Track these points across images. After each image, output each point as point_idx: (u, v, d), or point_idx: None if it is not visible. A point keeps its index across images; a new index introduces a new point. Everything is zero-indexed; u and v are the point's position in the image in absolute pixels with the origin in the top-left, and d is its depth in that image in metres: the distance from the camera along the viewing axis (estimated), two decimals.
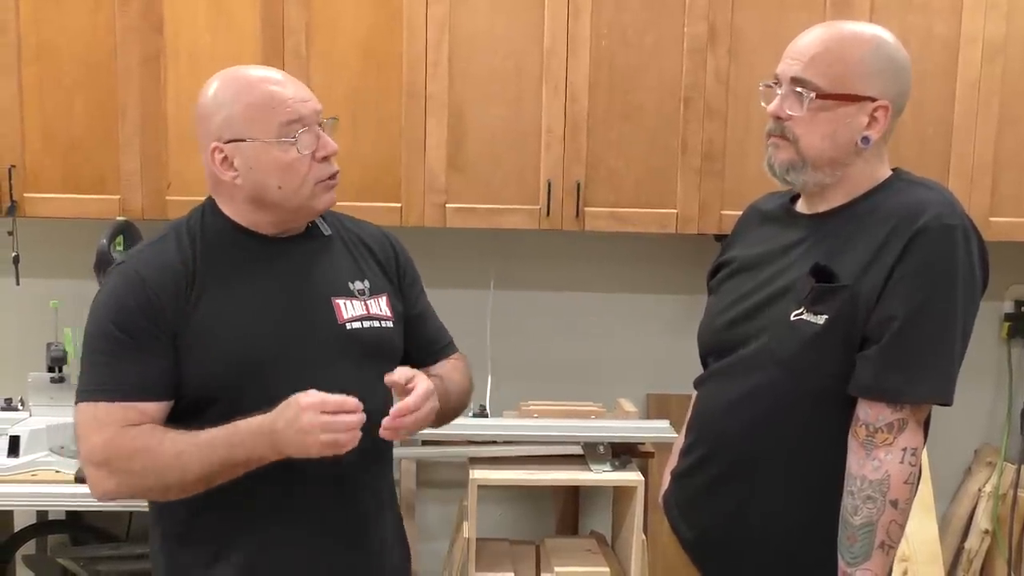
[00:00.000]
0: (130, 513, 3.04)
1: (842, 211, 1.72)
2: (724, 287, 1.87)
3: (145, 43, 2.79)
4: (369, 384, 1.65)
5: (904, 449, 1.60)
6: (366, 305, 1.75)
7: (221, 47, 2.81)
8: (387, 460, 1.85)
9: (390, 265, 1.85)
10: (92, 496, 1.64)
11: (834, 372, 1.65)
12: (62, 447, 2.66)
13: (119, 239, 2.68)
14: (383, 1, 2.82)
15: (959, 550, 3.35)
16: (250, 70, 1.70)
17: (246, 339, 1.64)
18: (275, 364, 1.64)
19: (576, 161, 2.88)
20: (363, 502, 1.75)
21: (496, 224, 2.92)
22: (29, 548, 3.08)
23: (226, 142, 1.65)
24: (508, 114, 2.88)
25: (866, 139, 1.68)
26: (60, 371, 2.77)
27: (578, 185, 2.88)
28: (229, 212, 1.71)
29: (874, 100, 1.66)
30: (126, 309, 1.61)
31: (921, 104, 2.83)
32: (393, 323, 1.78)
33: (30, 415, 2.79)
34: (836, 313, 1.63)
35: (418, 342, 1.87)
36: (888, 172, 1.74)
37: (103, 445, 1.58)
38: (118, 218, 2.75)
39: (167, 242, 1.69)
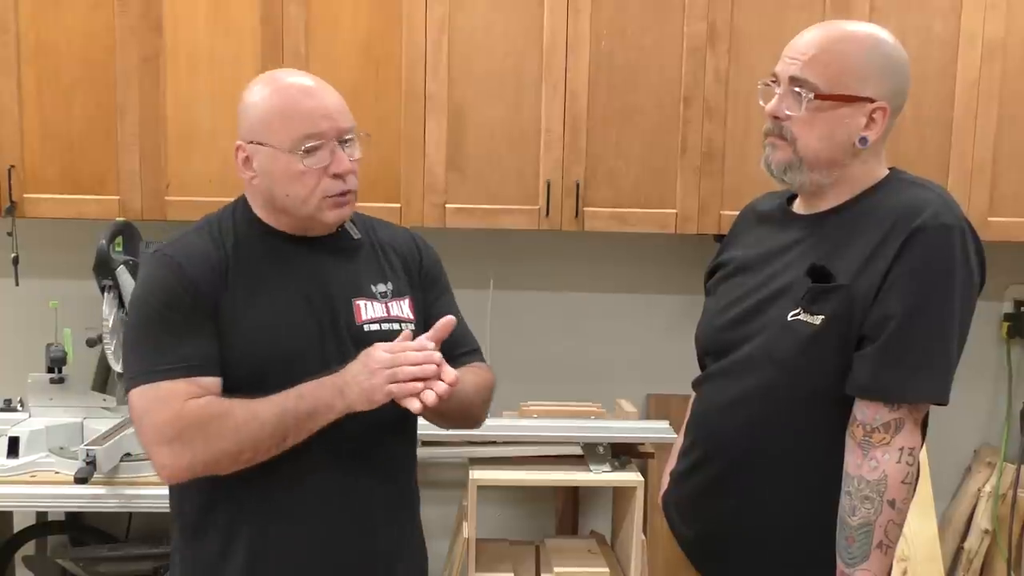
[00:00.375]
0: (130, 514, 3.04)
1: (839, 211, 1.72)
2: (721, 288, 1.87)
3: (144, 43, 2.79)
4: None
5: (901, 449, 1.60)
6: (387, 307, 1.76)
7: (220, 47, 2.81)
8: (400, 458, 1.83)
9: (414, 266, 1.86)
10: (159, 478, 1.66)
11: (831, 372, 1.64)
12: (61, 448, 2.65)
13: (118, 239, 2.69)
14: (382, 1, 2.82)
15: (959, 550, 3.34)
16: (287, 76, 1.73)
17: (267, 334, 1.66)
18: (293, 361, 1.65)
19: (575, 161, 2.88)
20: (374, 501, 1.75)
21: (495, 224, 2.92)
22: (29, 549, 3.07)
23: (248, 142, 1.69)
24: (507, 114, 2.87)
25: (864, 140, 1.68)
26: (60, 372, 2.76)
27: (577, 185, 2.88)
28: (256, 210, 1.74)
29: (872, 101, 1.66)
30: (171, 290, 1.64)
31: (920, 104, 2.83)
32: (415, 325, 1.78)
33: (29, 416, 2.78)
34: (833, 313, 1.63)
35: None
36: (885, 172, 1.74)
37: (173, 419, 1.59)
38: (117, 219, 2.76)
39: (201, 234, 1.72)
